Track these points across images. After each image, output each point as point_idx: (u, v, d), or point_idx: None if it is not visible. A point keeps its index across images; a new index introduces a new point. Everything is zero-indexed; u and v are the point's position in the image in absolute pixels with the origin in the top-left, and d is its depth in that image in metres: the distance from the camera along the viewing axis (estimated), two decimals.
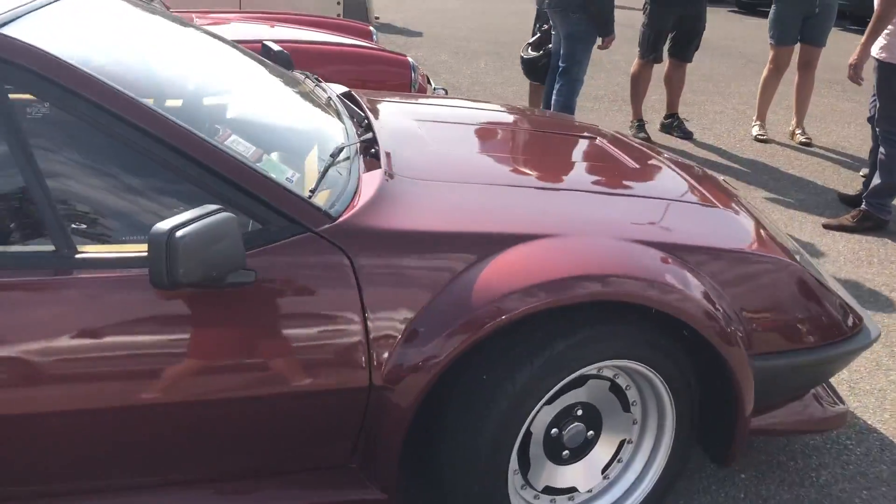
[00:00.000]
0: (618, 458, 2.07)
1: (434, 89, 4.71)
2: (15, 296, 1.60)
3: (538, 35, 5.16)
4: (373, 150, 2.18)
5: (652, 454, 2.06)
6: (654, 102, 6.38)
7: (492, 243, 1.85)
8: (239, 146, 1.81)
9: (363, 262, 1.75)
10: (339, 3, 6.98)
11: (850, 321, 2.17)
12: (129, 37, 2.25)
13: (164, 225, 1.48)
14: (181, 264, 1.48)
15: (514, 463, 1.91)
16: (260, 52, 3.13)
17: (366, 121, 2.43)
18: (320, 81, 2.75)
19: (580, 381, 1.94)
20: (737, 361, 1.92)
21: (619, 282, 1.87)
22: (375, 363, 1.75)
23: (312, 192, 1.81)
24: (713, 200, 2.31)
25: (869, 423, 2.65)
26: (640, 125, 5.74)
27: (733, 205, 2.41)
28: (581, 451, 2.02)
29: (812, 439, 2.54)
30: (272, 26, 4.91)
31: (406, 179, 2.03)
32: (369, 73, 4.29)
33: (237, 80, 2.52)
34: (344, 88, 2.86)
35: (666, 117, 5.95)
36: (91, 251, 1.66)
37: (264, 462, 1.83)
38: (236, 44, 2.90)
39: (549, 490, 2.00)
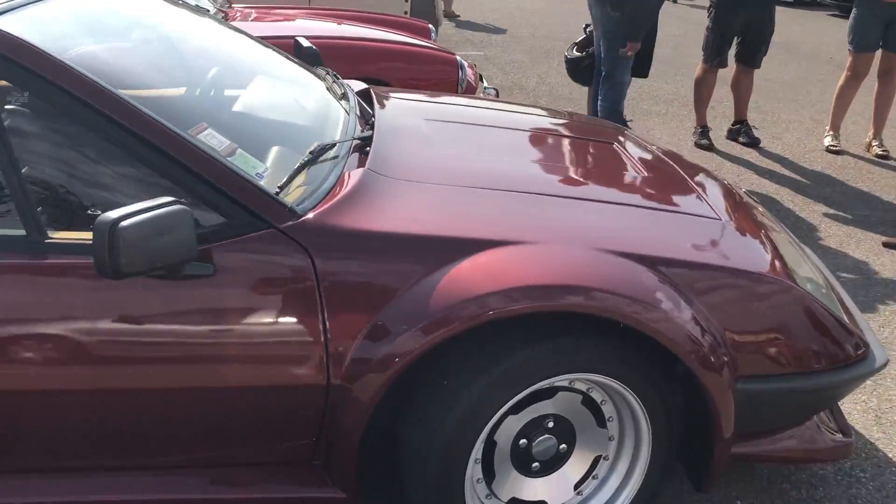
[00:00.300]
0: (592, 474, 2.01)
1: (485, 89, 4.67)
2: None
3: (583, 36, 5.05)
4: (367, 148, 2.18)
5: (628, 473, 1.99)
6: (726, 108, 6.16)
7: (463, 248, 1.82)
8: (212, 140, 1.83)
9: (324, 261, 1.75)
10: (406, 1, 7.00)
11: (853, 347, 2.04)
12: (132, 28, 2.31)
13: (110, 215, 1.51)
14: (123, 254, 1.50)
15: (475, 471, 1.88)
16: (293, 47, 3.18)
17: (373, 118, 2.43)
18: (338, 78, 2.76)
19: (549, 393, 1.89)
20: (715, 386, 1.83)
21: (600, 296, 1.80)
22: (333, 362, 1.75)
23: (281, 188, 1.82)
24: (717, 213, 2.21)
25: (889, 456, 2.49)
26: (703, 132, 5.55)
27: (744, 220, 2.30)
28: (552, 464, 1.96)
29: (822, 469, 2.40)
30: (338, 23, 4.97)
31: (390, 179, 2.02)
32: (415, 72, 4.29)
33: (245, 74, 2.56)
34: (363, 85, 2.87)
35: (734, 124, 5.74)
36: (61, 237, 1.71)
37: (225, 453, 1.85)
38: (258, 39, 2.94)
39: (515, 502, 1.96)
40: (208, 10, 4.52)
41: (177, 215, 1.58)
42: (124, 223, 1.50)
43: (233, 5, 5.09)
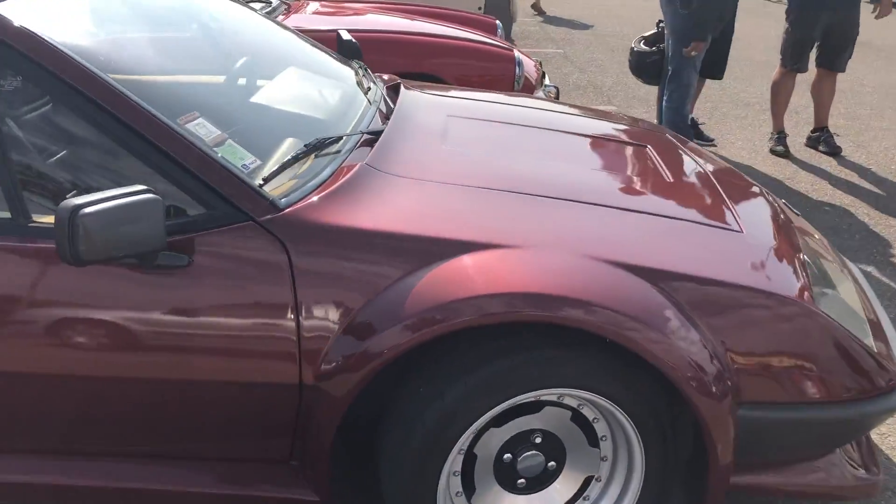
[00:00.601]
0: (583, 495, 1.90)
1: (545, 87, 4.55)
2: None
3: (654, 31, 4.86)
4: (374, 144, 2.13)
5: (620, 496, 1.88)
6: (811, 114, 5.85)
7: (450, 249, 1.74)
8: (201, 129, 1.81)
9: (302, 257, 1.70)
10: None
11: (883, 379, 1.87)
12: (154, 14, 2.33)
13: (73, 200, 1.50)
14: (82, 242, 1.49)
15: (454, 484, 1.81)
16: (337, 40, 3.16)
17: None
18: (368, 72, 2.72)
19: (536, 407, 1.80)
20: (711, 411, 1.70)
21: (590, 310, 1.69)
22: (306, 360, 1.71)
23: (266, 180, 1.78)
24: (741, 226, 2.05)
25: None
26: (779, 138, 5.27)
27: (774, 236, 2.13)
28: (540, 481, 1.87)
29: None
30: (410, 18, 4.94)
31: (387, 175, 1.96)
32: (471, 68, 4.22)
33: (271, 65, 2.55)
34: (395, 80, 2.81)
35: (813, 131, 5.43)
36: (45, 222, 1.72)
37: (199, 446, 1.83)
38: (294, 30, 2.93)
39: None
40: (270, 2, 4.57)
41: (145, 205, 1.56)
42: (86, 210, 1.49)
43: None
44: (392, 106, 2.46)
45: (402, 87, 2.68)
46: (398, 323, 1.68)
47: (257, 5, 4.46)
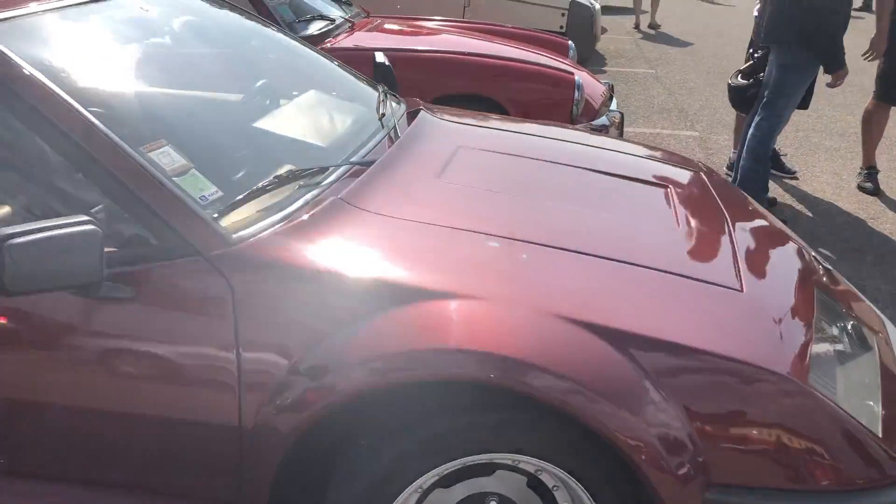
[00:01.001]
0: None
1: (609, 112, 4.39)
2: None
3: (751, 62, 4.60)
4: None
5: None
6: None
7: (407, 295, 1.64)
8: (165, 157, 1.78)
9: (247, 296, 1.64)
10: (563, 15, 6.77)
11: (883, 468, 1.65)
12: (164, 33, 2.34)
13: (2, 230, 1.49)
14: (6, 272, 1.47)
15: None
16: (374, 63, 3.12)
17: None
18: (387, 95, 2.65)
19: (488, 469, 1.68)
20: (672, 495, 1.55)
21: (542, 376, 1.54)
22: (246, 400, 1.65)
23: (222, 213, 1.73)
24: (742, 284, 1.86)
25: None
26: (869, 173, 4.89)
27: (782, 296, 1.94)
28: None
29: None
30: (488, 40, 4.88)
31: (360, 211, 1.88)
32: (526, 91, 4.14)
33: (279, 87, 2.52)
34: (418, 104, 2.74)
35: None
36: None
37: (140, 479, 1.78)
38: (321, 52, 2.90)
39: None
40: (333, 20, 4.58)
41: (80, 236, 1.52)
42: (13, 241, 1.47)
43: (369, 15, 5.12)
44: (400, 134, 2.38)
45: (421, 113, 2.60)
46: (342, 369, 1.60)
47: (321, 23, 4.49)
